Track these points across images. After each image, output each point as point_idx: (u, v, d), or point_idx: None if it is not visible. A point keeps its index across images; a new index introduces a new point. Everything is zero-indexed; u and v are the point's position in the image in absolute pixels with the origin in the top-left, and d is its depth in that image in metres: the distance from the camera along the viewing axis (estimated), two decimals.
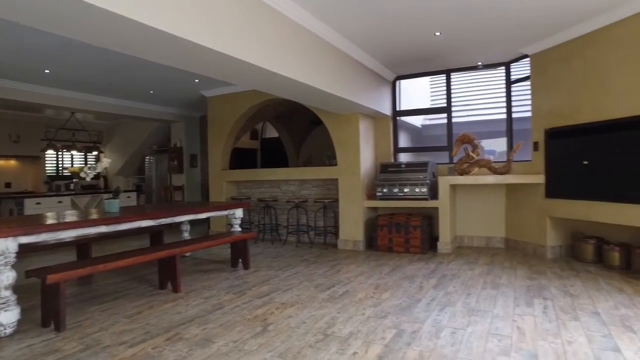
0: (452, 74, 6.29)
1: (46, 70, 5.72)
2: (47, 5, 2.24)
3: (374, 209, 6.30)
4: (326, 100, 5.13)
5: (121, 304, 3.63)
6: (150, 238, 5.73)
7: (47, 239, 3.20)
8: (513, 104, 5.89)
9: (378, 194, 5.87)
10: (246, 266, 4.85)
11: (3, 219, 3.97)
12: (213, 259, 5.50)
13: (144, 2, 2.49)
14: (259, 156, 10.83)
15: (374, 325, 2.98)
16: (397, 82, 6.68)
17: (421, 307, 3.37)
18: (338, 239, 6.14)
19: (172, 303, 3.62)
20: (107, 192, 8.54)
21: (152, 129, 9.86)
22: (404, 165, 5.92)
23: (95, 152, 10.03)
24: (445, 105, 6.34)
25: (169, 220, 4.27)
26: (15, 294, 2.98)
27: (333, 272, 4.64)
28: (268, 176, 6.88)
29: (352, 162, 6.00)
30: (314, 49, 4.33)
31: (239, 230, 5.20)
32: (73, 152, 9.81)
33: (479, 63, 6.00)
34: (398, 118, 6.76)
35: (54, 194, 7.91)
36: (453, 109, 6.32)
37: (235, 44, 3.21)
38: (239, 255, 4.90)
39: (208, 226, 7.70)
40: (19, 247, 2.96)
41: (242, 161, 9.31)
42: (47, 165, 9.57)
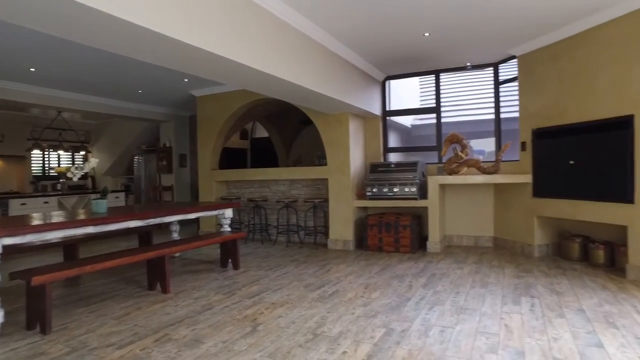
0: (441, 74, 6.35)
1: (31, 69, 5.63)
2: (33, 3, 2.21)
3: (364, 208, 6.32)
4: (315, 100, 5.13)
5: (109, 305, 3.59)
6: (139, 239, 5.68)
7: (33, 240, 3.15)
8: (501, 104, 5.96)
9: (368, 193, 5.89)
10: (236, 266, 4.84)
11: None
12: (203, 259, 5.47)
13: (132, 0, 2.47)
14: (249, 156, 10.79)
15: (363, 325, 2.99)
16: (387, 82, 6.71)
17: (410, 306, 3.39)
18: (328, 239, 6.15)
19: (161, 304, 3.59)
20: (94, 193, 8.43)
21: (141, 129, 9.77)
22: (393, 165, 5.95)
23: (82, 152, 9.89)
24: (435, 105, 6.39)
25: (157, 220, 4.23)
26: None
27: (323, 271, 4.65)
28: (258, 176, 6.86)
29: (342, 162, 6.01)
30: (303, 48, 4.33)
31: (229, 230, 5.18)
32: (60, 152, 9.67)
33: (468, 64, 6.06)
34: (388, 118, 6.79)
35: (40, 194, 7.78)
36: (442, 109, 6.37)
37: (224, 43, 3.20)
38: (228, 256, 4.88)
39: (198, 226, 7.65)
40: (3, 248, 2.91)
41: (231, 161, 9.28)
42: (32, 165, 9.42)
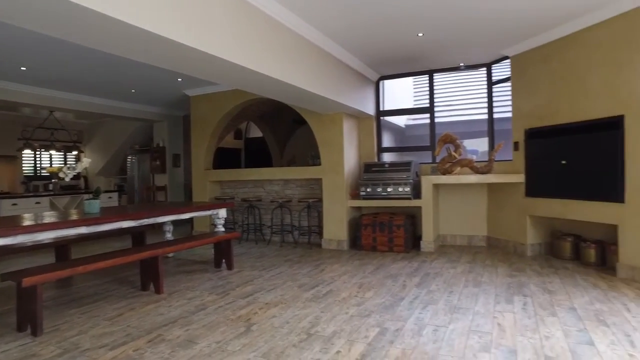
0: (434, 74, 6.37)
1: (22, 68, 5.57)
2: (31, 3, 2.19)
3: (357, 208, 6.33)
4: (309, 100, 5.13)
5: (101, 306, 3.56)
6: (132, 239, 5.65)
7: (24, 241, 3.12)
8: (494, 104, 6.00)
9: (362, 193, 5.90)
10: (230, 266, 4.82)
11: None
12: (196, 259, 5.45)
13: (126, 0, 2.46)
14: (242, 156, 10.77)
15: (357, 324, 2.99)
16: (381, 82, 6.72)
17: (404, 305, 3.41)
18: (322, 239, 6.15)
19: (154, 304, 3.57)
20: (87, 193, 8.37)
21: (134, 129, 9.71)
22: (387, 165, 5.97)
23: (75, 152, 9.82)
24: (428, 105, 6.41)
25: (151, 220, 4.21)
26: None
27: (317, 271, 4.65)
28: (252, 176, 6.85)
29: (336, 162, 6.02)
30: (297, 48, 4.33)
31: (223, 230, 5.16)
32: (52, 152, 9.59)
33: (461, 64, 6.09)
34: (382, 118, 6.80)
35: (32, 194, 7.71)
36: (436, 109, 6.40)
37: (217, 43, 3.19)
38: (222, 256, 4.86)
39: (191, 227, 7.62)
40: None
41: (225, 161, 9.25)
42: (24, 165, 9.33)
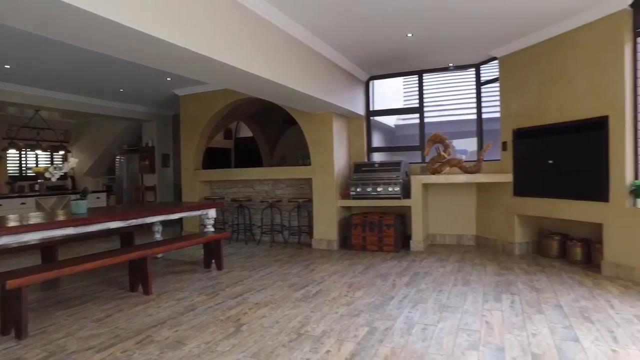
0: (424, 74, 6.41)
1: (6, 66, 5.47)
2: (19, 2, 2.16)
3: (347, 208, 6.34)
4: (299, 100, 5.12)
5: (89, 308, 3.52)
6: (121, 240, 5.59)
7: (9, 243, 3.07)
8: (483, 104, 6.05)
9: (352, 193, 5.92)
10: (219, 267, 4.80)
11: None
12: (186, 260, 5.41)
13: None
14: (232, 156, 10.72)
15: (347, 324, 3.00)
16: (371, 82, 6.75)
17: (394, 304, 3.42)
18: (312, 239, 6.15)
19: (143, 305, 3.54)
20: (74, 193, 8.25)
21: (123, 128, 9.60)
22: (377, 165, 5.99)
23: (62, 152, 9.68)
24: (418, 105, 6.45)
25: (139, 221, 4.17)
26: None
27: (307, 271, 4.65)
28: (242, 176, 6.82)
29: (326, 162, 6.03)
30: (286, 48, 4.32)
31: (212, 230, 5.14)
32: (38, 152, 9.43)
33: (450, 64, 6.14)
34: (372, 118, 6.83)
35: (17, 195, 7.59)
36: (425, 109, 6.43)
37: (206, 42, 3.17)
38: (212, 256, 4.84)
39: (181, 227, 7.57)
40: None
41: (215, 161, 9.20)
42: (9, 165, 9.16)
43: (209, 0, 3.21)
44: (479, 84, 6.06)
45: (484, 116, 6.05)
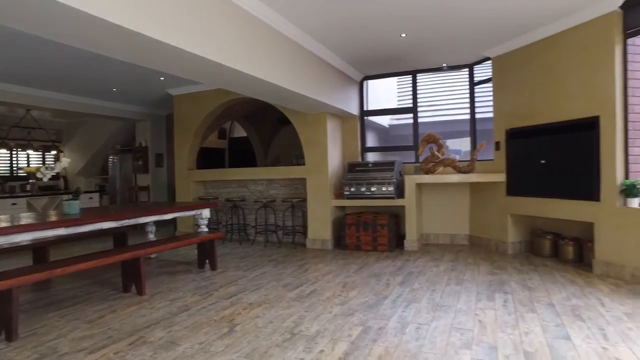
0: (418, 74, 6.43)
1: None
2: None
3: (341, 208, 6.35)
4: (292, 99, 5.12)
5: (81, 309, 3.50)
6: (114, 240, 5.55)
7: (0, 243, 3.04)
8: (476, 104, 6.08)
9: (346, 193, 5.92)
10: (213, 267, 4.79)
11: None
12: (180, 260, 5.39)
13: None
14: (227, 156, 10.68)
15: (340, 323, 3.01)
16: (365, 82, 6.76)
17: (387, 304, 3.43)
18: (306, 239, 6.15)
19: (136, 306, 3.52)
20: (67, 193, 8.18)
21: (116, 128, 9.53)
22: (371, 165, 6.00)
23: (54, 152, 9.59)
24: (412, 105, 6.47)
25: (132, 221, 4.14)
26: None
27: (301, 271, 4.65)
28: (236, 176, 6.80)
29: (320, 162, 6.03)
30: (278, 47, 4.31)
31: (206, 230, 5.12)
32: (29, 152, 9.33)
33: (444, 65, 6.16)
34: (366, 118, 6.84)
35: (8, 195, 7.51)
36: (419, 109, 6.46)
37: (196, 40, 3.15)
38: (206, 256, 4.82)
39: (175, 227, 7.53)
40: None
41: (209, 161, 9.16)
42: None
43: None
44: (473, 84, 6.09)
45: (478, 116, 6.08)
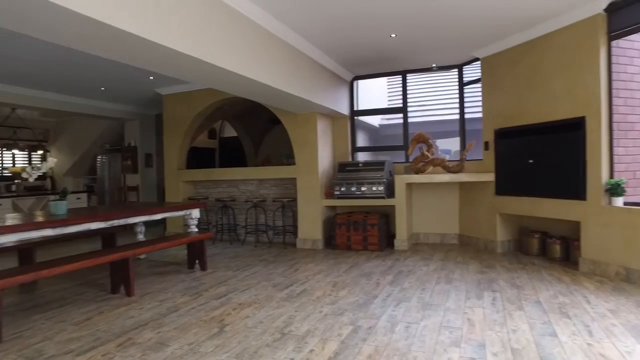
0: (408, 75, 6.46)
1: None
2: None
3: (332, 207, 6.36)
4: (282, 99, 5.11)
5: (68, 311, 3.45)
6: (102, 241, 5.50)
7: None
8: (466, 104, 6.13)
9: (336, 192, 5.93)
10: (203, 267, 4.76)
11: None
12: (169, 260, 5.35)
13: None
14: (217, 156, 10.63)
15: (331, 323, 3.01)
16: (355, 82, 6.77)
17: (377, 303, 3.45)
18: (297, 238, 6.15)
19: (124, 307, 3.49)
20: (54, 194, 8.07)
21: (104, 127, 9.42)
22: (361, 165, 6.01)
23: (40, 151, 9.45)
24: (402, 105, 6.50)
25: (121, 221, 4.11)
26: None
27: (291, 271, 4.65)
28: (226, 176, 6.77)
29: (311, 162, 6.03)
30: (269, 47, 4.30)
31: (196, 230, 5.09)
32: (15, 151, 9.18)
33: (433, 65, 6.20)
34: (356, 118, 6.85)
35: None
36: (409, 109, 6.49)
37: (185, 39, 3.13)
38: (195, 257, 4.79)
39: (164, 228, 7.47)
40: None
41: (199, 161, 9.11)
42: None
43: None
44: (462, 85, 6.14)
45: (467, 116, 6.13)
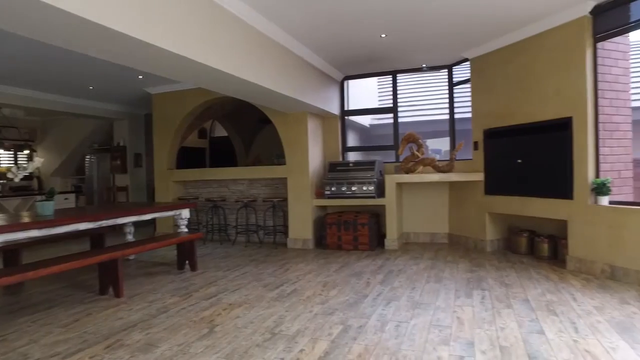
0: (398, 75, 6.49)
1: None
2: None
3: (323, 207, 6.36)
4: (272, 99, 5.10)
5: (55, 313, 3.41)
6: (91, 242, 5.43)
7: None
8: (455, 105, 6.18)
9: (327, 192, 5.94)
10: (193, 268, 4.73)
11: None
12: (159, 261, 5.30)
13: None
14: (207, 155, 10.56)
15: (321, 322, 3.01)
16: (346, 82, 6.78)
17: (367, 302, 3.46)
18: (287, 238, 6.14)
19: (113, 309, 3.45)
20: (41, 194, 7.95)
21: (93, 127, 9.30)
22: (352, 164, 6.03)
23: (26, 151, 9.31)
24: (392, 105, 6.53)
25: (110, 222, 4.06)
26: None
27: (282, 271, 4.64)
28: (216, 176, 6.74)
29: (301, 161, 6.02)
30: (259, 47, 4.28)
31: (186, 231, 5.06)
32: (0, 151, 9.04)
33: (424, 65, 6.23)
34: (346, 117, 6.86)
35: None
36: (399, 109, 6.52)
37: (174, 38, 3.10)
38: (185, 257, 4.76)
39: (154, 228, 7.41)
40: None
41: (190, 160, 9.02)
42: None
43: None
44: (452, 85, 6.18)
45: (457, 116, 6.17)
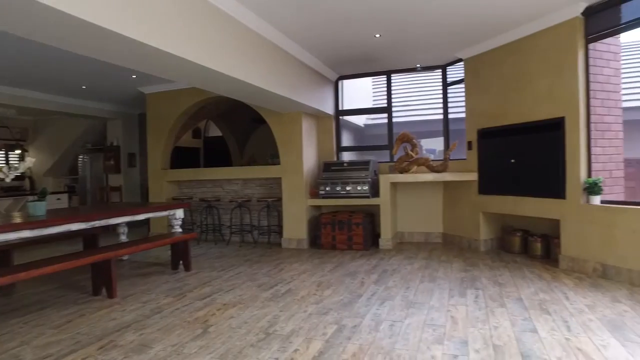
0: (392, 75, 6.51)
1: None
2: None
3: (317, 207, 6.36)
4: (267, 99, 5.09)
5: (48, 314, 3.38)
6: (84, 242, 5.39)
7: None
8: (449, 105, 6.20)
9: (321, 192, 5.94)
10: (187, 268, 4.71)
11: None
12: (152, 261, 5.28)
13: None
14: (201, 155, 10.53)
15: (315, 322, 3.01)
16: (340, 82, 6.78)
17: (362, 302, 3.46)
18: (282, 238, 6.14)
19: (106, 309, 3.43)
20: (33, 194, 7.88)
21: (86, 126, 9.23)
22: (346, 164, 6.03)
23: (18, 151, 9.22)
24: (386, 105, 6.54)
25: (103, 222, 4.03)
26: None
27: (276, 271, 4.64)
28: (210, 175, 6.72)
29: (295, 161, 6.02)
30: (254, 46, 4.27)
31: (180, 231, 5.04)
32: None
33: (418, 65, 6.25)
34: (341, 117, 6.87)
35: None
36: (394, 109, 6.53)
37: (167, 37, 3.08)
38: (179, 257, 4.74)
39: (148, 228, 7.37)
40: None
41: (184, 160, 8.99)
42: None
43: None
44: (446, 85, 6.20)
45: (451, 116, 6.19)
